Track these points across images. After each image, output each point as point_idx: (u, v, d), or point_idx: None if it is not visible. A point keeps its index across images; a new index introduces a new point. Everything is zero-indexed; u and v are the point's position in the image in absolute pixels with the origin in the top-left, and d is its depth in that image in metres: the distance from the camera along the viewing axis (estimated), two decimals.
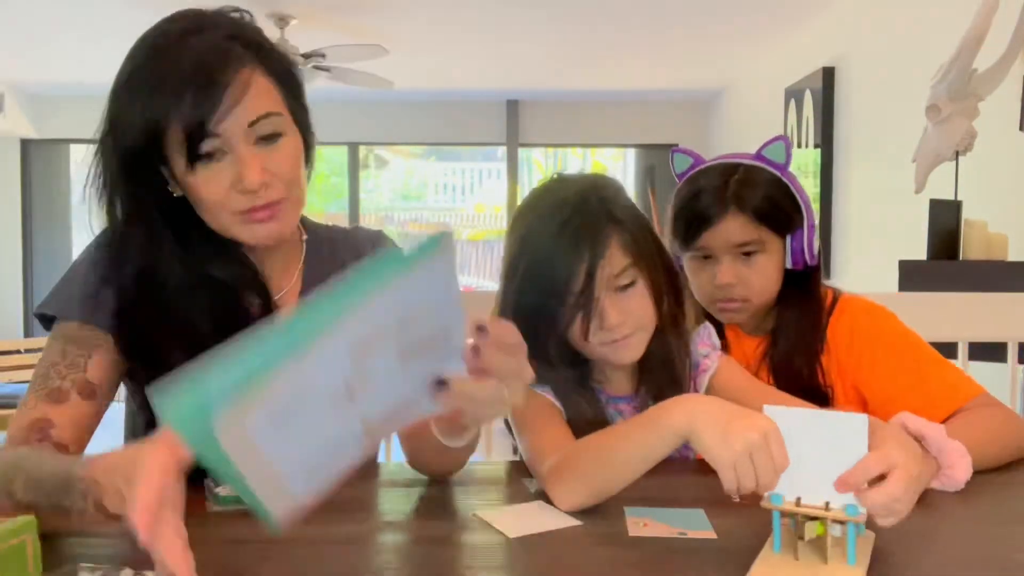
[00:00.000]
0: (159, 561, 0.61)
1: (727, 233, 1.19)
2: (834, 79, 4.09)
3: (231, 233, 0.96)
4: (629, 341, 1.04)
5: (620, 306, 1.02)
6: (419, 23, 4.45)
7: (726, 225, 1.19)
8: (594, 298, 1.00)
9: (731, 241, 1.19)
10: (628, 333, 1.03)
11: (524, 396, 0.77)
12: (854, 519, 0.72)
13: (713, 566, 0.75)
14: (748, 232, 1.19)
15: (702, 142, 6.63)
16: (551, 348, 1.04)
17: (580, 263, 0.99)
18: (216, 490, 0.92)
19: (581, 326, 1.02)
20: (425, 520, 0.89)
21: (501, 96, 6.57)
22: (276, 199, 0.94)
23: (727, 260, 1.20)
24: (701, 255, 1.23)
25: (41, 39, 4.80)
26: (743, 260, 1.20)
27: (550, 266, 1.01)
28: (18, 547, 0.59)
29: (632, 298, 1.03)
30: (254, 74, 0.91)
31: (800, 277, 1.25)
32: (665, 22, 4.45)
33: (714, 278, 1.21)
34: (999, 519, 0.89)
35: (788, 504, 0.74)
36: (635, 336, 1.04)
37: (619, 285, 1.02)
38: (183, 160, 0.90)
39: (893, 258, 2.46)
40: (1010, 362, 1.75)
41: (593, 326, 1.02)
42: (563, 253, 1.00)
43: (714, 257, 1.21)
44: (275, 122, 0.93)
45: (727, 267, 1.20)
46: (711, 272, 1.22)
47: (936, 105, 2.36)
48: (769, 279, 1.22)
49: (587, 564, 0.75)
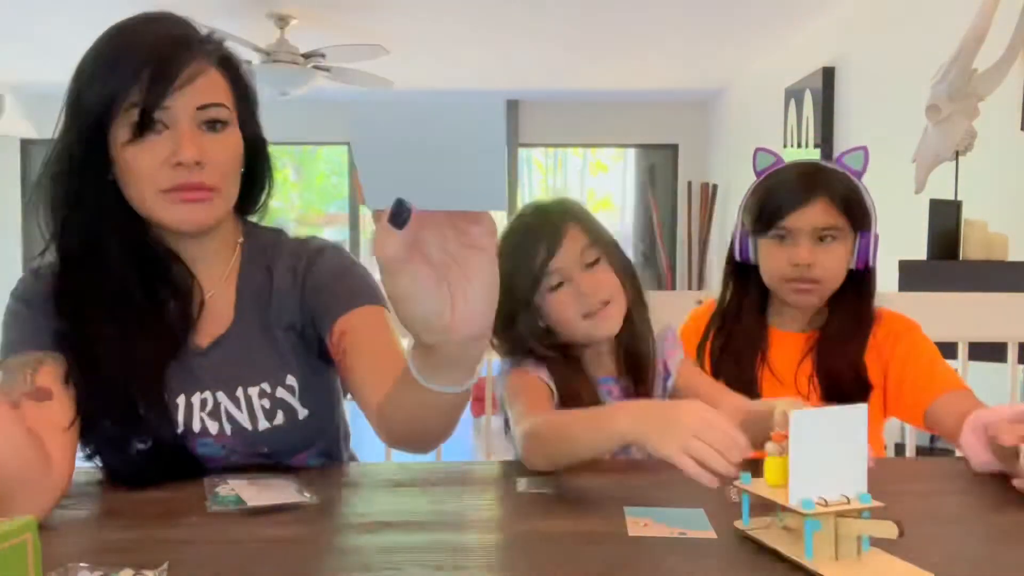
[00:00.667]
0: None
1: (813, 215, 1.27)
2: (834, 79, 4.09)
3: (156, 215, 0.98)
4: (609, 311, 1.14)
5: (591, 278, 1.14)
6: (419, 23, 4.45)
7: (813, 207, 1.26)
8: (565, 274, 1.13)
9: (815, 223, 1.27)
10: (605, 298, 1.14)
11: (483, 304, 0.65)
12: (869, 507, 0.74)
13: (713, 566, 0.75)
14: (831, 217, 1.27)
15: (702, 142, 6.63)
16: (541, 342, 1.16)
17: (540, 245, 1.13)
18: (216, 490, 0.92)
19: (560, 300, 1.13)
20: (424, 520, 0.89)
21: (501, 96, 6.57)
22: (209, 185, 0.97)
23: (806, 242, 1.27)
24: (780, 236, 1.29)
25: (41, 39, 4.80)
26: (819, 244, 1.28)
27: (521, 258, 1.13)
28: (18, 547, 0.59)
29: (600, 272, 1.15)
30: (209, 67, 0.98)
31: (855, 285, 1.32)
32: (665, 22, 4.45)
33: (791, 258, 1.28)
34: (998, 517, 0.89)
35: (820, 506, 0.73)
36: (613, 305, 1.15)
37: (585, 262, 1.14)
38: (128, 133, 0.93)
39: (893, 258, 2.46)
40: (1010, 362, 1.75)
41: (570, 295, 1.13)
42: (528, 243, 1.14)
43: (793, 239, 1.28)
44: (223, 113, 0.98)
45: (806, 248, 1.27)
46: (788, 253, 1.28)
47: (936, 105, 2.36)
48: (841, 266, 1.29)
49: (587, 564, 0.75)
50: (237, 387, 1.03)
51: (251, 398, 1.03)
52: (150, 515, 0.90)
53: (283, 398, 1.04)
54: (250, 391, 1.03)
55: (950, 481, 1.03)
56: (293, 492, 0.93)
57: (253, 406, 1.03)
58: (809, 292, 1.30)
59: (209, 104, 0.96)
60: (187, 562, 0.74)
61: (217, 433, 1.02)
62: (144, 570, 0.68)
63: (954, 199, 2.53)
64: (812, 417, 0.75)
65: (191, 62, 0.95)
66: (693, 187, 6.48)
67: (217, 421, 1.02)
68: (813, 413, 0.76)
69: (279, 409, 1.03)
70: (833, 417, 0.75)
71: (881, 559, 0.74)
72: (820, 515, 0.73)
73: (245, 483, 0.94)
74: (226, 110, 0.98)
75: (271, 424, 1.03)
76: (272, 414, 1.03)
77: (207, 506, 0.89)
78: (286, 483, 0.96)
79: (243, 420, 1.02)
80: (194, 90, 0.95)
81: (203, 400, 1.02)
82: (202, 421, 1.02)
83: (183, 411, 1.01)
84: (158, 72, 0.93)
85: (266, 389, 1.03)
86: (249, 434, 1.03)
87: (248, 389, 1.03)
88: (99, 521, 0.88)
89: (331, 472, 1.05)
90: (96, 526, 0.86)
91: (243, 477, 0.97)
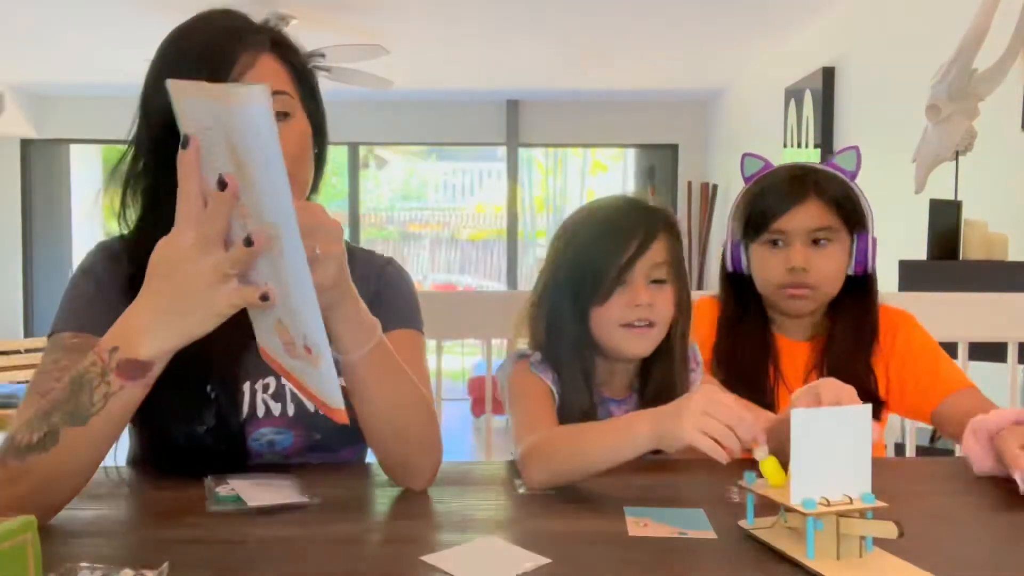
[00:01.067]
0: None
1: (805, 216, 1.24)
2: (834, 79, 4.09)
3: None
4: (650, 332, 1.10)
5: (652, 294, 1.09)
6: (419, 23, 4.45)
7: (806, 208, 1.24)
8: (632, 277, 1.08)
9: (808, 225, 1.24)
10: (654, 320, 1.10)
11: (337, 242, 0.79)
12: (872, 507, 0.74)
13: (713, 566, 0.75)
14: (824, 218, 1.24)
15: (702, 142, 6.63)
16: (571, 330, 1.11)
17: (633, 240, 1.08)
18: (216, 490, 0.92)
19: (617, 300, 1.09)
20: (423, 520, 0.89)
21: (501, 96, 6.57)
22: None
23: (800, 245, 1.25)
24: (773, 241, 1.27)
25: (41, 39, 4.80)
26: (814, 248, 1.25)
27: (606, 236, 1.09)
28: (18, 547, 0.59)
29: (662, 292, 1.11)
30: (263, 53, 0.97)
31: (857, 289, 1.30)
32: (665, 22, 4.45)
33: (785, 262, 1.25)
34: (998, 518, 0.89)
35: (822, 506, 0.73)
36: (656, 328, 1.10)
37: (654, 278, 1.10)
38: None
39: (893, 258, 2.46)
40: (1010, 362, 1.75)
41: (622, 300, 1.08)
42: (621, 228, 1.09)
43: (786, 243, 1.26)
44: (286, 101, 0.97)
45: (800, 251, 1.24)
46: (782, 257, 1.25)
47: (936, 105, 2.36)
48: (837, 270, 1.27)
49: (587, 564, 0.75)
50: None
51: None
52: (150, 515, 0.90)
53: (342, 386, 1.07)
54: None
55: (950, 481, 1.03)
56: (293, 492, 0.93)
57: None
58: (804, 298, 1.26)
59: (272, 92, 0.96)
60: (187, 562, 0.74)
61: (280, 415, 1.05)
62: (144, 570, 0.68)
63: (954, 199, 2.53)
64: (814, 416, 0.75)
65: (243, 52, 0.94)
66: (693, 187, 6.48)
67: (280, 403, 1.05)
68: (815, 412, 0.75)
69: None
70: (836, 417, 0.75)
71: (882, 559, 0.74)
72: (822, 515, 0.73)
73: (245, 483, 0.94)
74: (287, 97, 0.97)
75: None
76: None
77: (207, 506, 0.89)
78: (286, 483, 0.96)
79: (306, 402, 1.06)
80: (252, 79, 0.94)
81: (265, 384, 1.05)
82: (265, 404, 1.05)
83: (247, 397, 1.04)
84: (213, 68, 0.93)
85: None
86: (310, 417, 1.06)
87: None
88: (99, 521, 0.88)
89: (331, 472, 1.05)
90: (96, 526, 0.86)
91: (243, 477, 0.97)
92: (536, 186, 7.92)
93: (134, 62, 5.41)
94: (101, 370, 0.76)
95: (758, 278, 1.30)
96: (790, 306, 1.28)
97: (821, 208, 1.24)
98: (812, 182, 1.25)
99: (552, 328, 1.13)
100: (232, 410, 1.02)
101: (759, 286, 1.30)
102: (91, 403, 0.76)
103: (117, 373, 0.76)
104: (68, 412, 0.77)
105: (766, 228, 1.26)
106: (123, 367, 0.76)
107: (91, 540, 0.81)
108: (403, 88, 5.43)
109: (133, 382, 0.76)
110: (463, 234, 8.79)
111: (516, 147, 6.77)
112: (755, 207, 1.28)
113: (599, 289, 1.09)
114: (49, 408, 0.79)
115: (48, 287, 6.59)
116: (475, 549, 0.79)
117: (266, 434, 1.05)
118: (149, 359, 0.76)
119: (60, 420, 0.77)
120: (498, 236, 7.86)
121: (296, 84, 1.00)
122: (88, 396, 0.76)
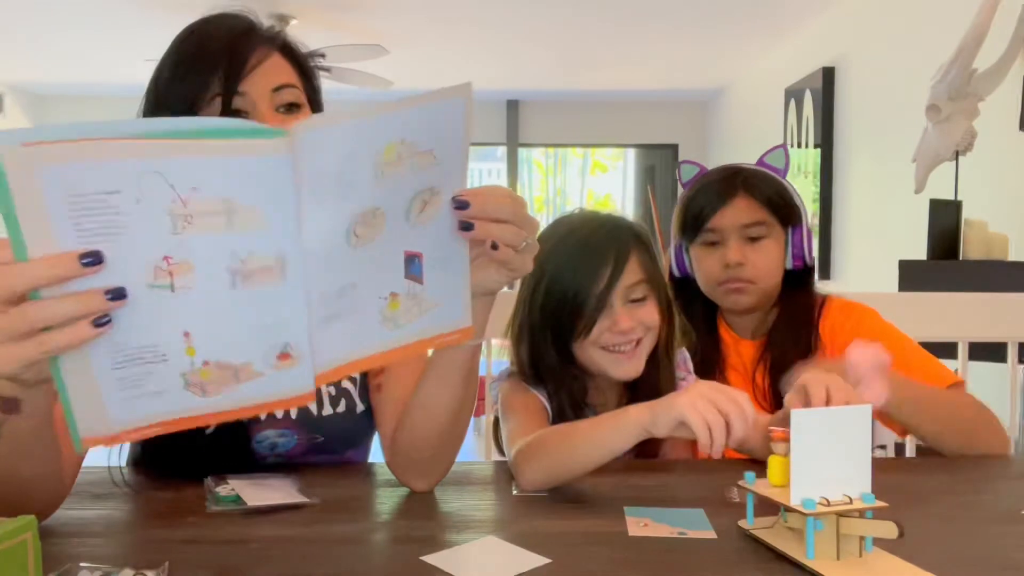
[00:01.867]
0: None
1: (737, 213, 1.28)
2: (834, 79, 4.10)
3: None
4: (637, 351, 1.11)
5: (632, 314, 1.09)
6: (419, 23, 4.46)
7: (736, 205, 1.28)
8: (610, 302, 1.08)
9: (740, 221, 1.28)
10: (640, 336, 1.10)
11: (531, 259, 0.79)
12: (872, 507, 0.74)
13: (713, 566, 0.75)
14: (756, 213, 1.28)
15: (702, 142, 6.64)
16: (555, 364, 1.12)
17: (605, 267, 1.08)
18: (216, 490, 0.92)
19: (599, 328, 1.08)
20: (422, 520, 0.89)
21: (501, 96, 6.58)
22: None
23: (735, 241, 1.28)
24: (709, 240, 1.30)
25: (41, 39, 4.80)
26: (750, 244, 1.28)
27: (578, 267, 1.09)
28: (18, 547, 0.59)
29: (643, 309, 1.11)
30: (274, 51, 1.00)
31: (795, 282, 1.32)
32: (665, 22, 4.45)
33: (722, 259, 1.28)
34: (998, 517, 0.89)
35: (822, 506, 0.73)
36: (642, 346, 1.11)
37: (632, 298, 1.10)
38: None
39: (893, 258, 2.46)
40: (1010, 362, 1.75)
41: (604, 327, 1.08)
42: (591, 256, 1.09)
43: (722, 241, 1.29)
44: (296, 94, 1.00)
45: (735, 246, 1.28)
46: (719, 255, 1.29)
47: (936, 105, 2.36)
48: (773, 263, 1.30)
49: (587, 564, 0.75)
50: None
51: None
52: (150, 515, 0.90)
53: (347, 389, 1.10)
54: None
55: (950, 481, 1.03)
56: (293, 492, 0.93)
57: (320, 391, 1.08)
58: (741, 291, 1.29)
59: (282, 85, 0.98)
60: (187, 562, 0.74)
61: (283, 417, 1.06)
62: (144, 570, 0.68)
63: (954, 199, 2.53)
64: (813, 416, 0.75)
65: (258, 48, 0.98)
66: None
67: None
68: (814, 412, 0.76)
69: (342, 398, 1.09)
70: (836, 416, 0.75)
71: (882, 559, 0.74)
72: (821, 515, 0.73)
73: (245, 483, 0.94)
74: (298, 91, 1.01)
75: (334, 411, 1.08)
76: (336, 401, 1.08)
77: (207, 506, 0.89)
78: (286, 483, 0.96)
79: (310, 404, 1.04)
80: (265, 73, 0.97)
81: None
82: None
83: None
84: (232, 61, 0.95)
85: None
86: (313, 419, 1.07)
87: None
88: (99, 521, 0.88)
89: (331, 472, 1.06)
90: (96, 526, 0.86)
91: (243, 477, 0.97)
92: (536, 186, 7.92)
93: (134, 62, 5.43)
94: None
95: (699, 278, 1.33)
96: (730, 301, 1.31)
97: (751, 204, 1.28)
98: (741, 180, 1.29)
99: (536, 363, 1.13)
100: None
101: (701, 286, 1.34)
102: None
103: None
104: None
105: (701, 228, 1.30)
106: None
107: (91, 540, 0.81)
108: (403, 88, 5.43)
109: (11, 415, 0.68)
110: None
111: (516, 147, 6.78)
112: (690, 209, 1.31)
113: (579, 322, 1.08)
114: None
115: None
116: (475, 549, 0.79)
117: (269, 437, 1.06)
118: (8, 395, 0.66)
119: None
120: None
121: (302, 82, 1.03)
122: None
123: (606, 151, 7.63)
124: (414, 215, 0.70)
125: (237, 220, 0.59)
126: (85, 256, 0.56)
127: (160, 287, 0.59)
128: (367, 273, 0.69)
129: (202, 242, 0.59)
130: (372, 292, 0.70)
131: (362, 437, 1.15)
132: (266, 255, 0.61)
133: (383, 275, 0.71)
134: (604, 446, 0.92)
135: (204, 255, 0.60)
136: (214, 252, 0.60)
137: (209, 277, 0.60)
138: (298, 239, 0.62)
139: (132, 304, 0.59)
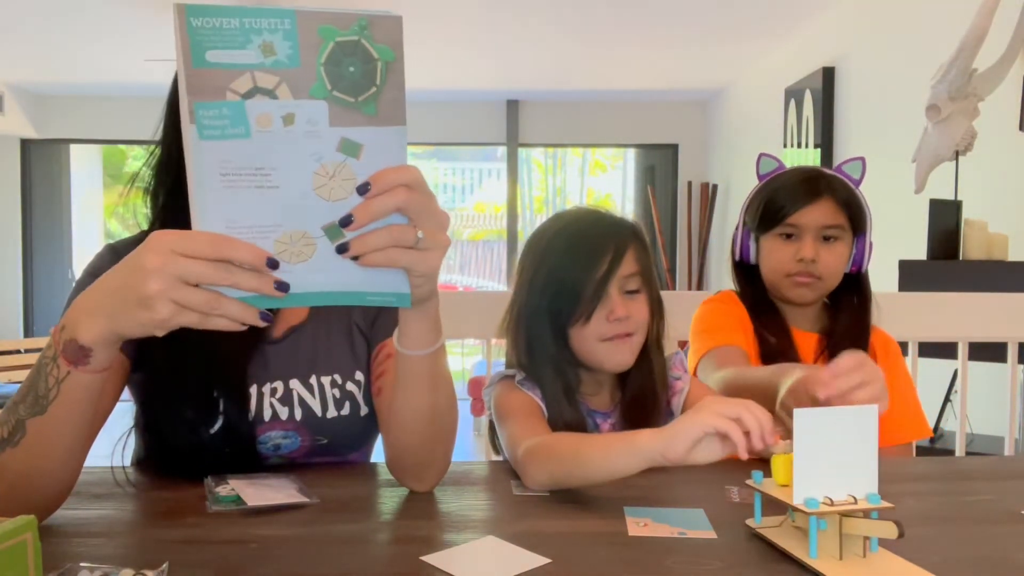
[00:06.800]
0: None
1: (819, 213, 1.35)
2: (834, 79, 4.09)
3: None
4: (630, 341, 1.12)
5: (627, 304, 1.12)
6: (419, 23, 4.45)
7: (820, 205, 1.35)
8: (608, 291, 1.11)
9: (821, 221, 1.35)
10: (632, 331, 1.12)
11: (436, 257, 0.74)
12: (876, 507, 0.74)
13: (713, 566, 0.75)
14: (835, 216, 1.36)
15: (702, 142, 6.63)
16: (552, 349, 1.13)
17: (605, 255, 1.11)
18: (216, 490, 0.92)
19: (595, 316, 1.11)
20: (422, 520, 0.89)
21: (501, 96, 6.57)
22: None
23: (810, 239, 1.35)
24: (786, 233, 1.37)
25: (41, 39, 4.80)
26: (824, 243, 1.36)
27: (579, 254, 1.11)
28: (18, 547, 0.59)
29: (636, 301, 1.13)
30: None
31: (848, 286, 1.41)
32: (665, 22, 4.45)
33: (796, 254, 1.36)
34: (998, 517, 0.89)
35: (825, 506, 0.73)
36: (635, 338, 1.13)
37: (627, 289, 1.13)
38: None
39: (893, 258, 2.46)
40: (1010, 362, 1.75)
41: (601, 315, 1.11)
42: (592, 244, 1.12)
43: (798, 237, 1.36)
44: None
45: (811, 244, 1.35)
46: (793, 249, 1.36)
47: (936, 105, 2.36)
48: (841, 264, 1.38)
49: (587, 564, 0.75)
50: (311, 374, 1.07)
51: (324, 386, 1.08)
52: (150, 515, 0.90)
53: (351, 391, 1.09)
54: (323, 379, 1.08)
55: (950, 481, 1.03)
56: (293, 492, 0.93)
57: (325, 394, 1.08)
58: (808, 286, 1.36)
59: None
60: (187, 562, 0.74)
61: (287, 419, 1.06)
62: (144, 570, 0.68)
63: (954, 199, 2.53)
64: (816, 416, 0.75)
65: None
66: (693, 187, 6.48)
67: (288, 406, 1.06)
68: (818, 412, 0.76)
69: (347, 400, 1.09)
70: (840, 416, 0.75)
71: (885, 559, 0.74)
72: (824, 514, 0.73)
73: (245, 483, 0.94)
74: None
75: (338, 413, 1.08)
76: (341, 404, 1.08)
77: (207, 506, 0.89)
78: (286, 483, 0.96)
79: (314, 406, 1.07)
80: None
81: (273, 388, 1.06)
82: (272, 408, 1.05)
83: (255, 401, 1.05)
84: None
85: (337, 380, 1.08)
86: (317, 421, 1.07)
87: (322, 377, 1.08)
88: (99, 521, 0.88)
89: (331, 472, 1.06)
90: (96, 526, 0.86)
91: (243, 477, 0.97)
92: (536, 186, 7.92)
93: (134, 62, 5.42)
94: (53, 353, 0.74)
95: (767, 266, 1.40)
96: (795, 293, 1.38)
97: (833, 207, 1.35)
98: (826, 183, 1.36)
99: (532, 349, 1.14)
100: (241, 414, 1.02)
101: (766, 274, 1.41)
102: (47, 389, 0.74)
103: (63, 355, 0.73)
104: (30, 402, 0.76)
105: (780, 222, 1.37)
106: (67, 349, 0.72)
107: (91, 540, 0.81)
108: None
109: (75, 368, 0.73)
110: (463, 234, 8.80)
111: (516, 147, 6.77)
112: (774, 202, 1.38)
113: (577, 309, 1.11)
114: (17, 399, 0.77)
115: (48, 287, 6.59)
116: (475, 549, 0.79)
117: (273, 437, 1.06)
118: (87, 344, 0.71)
119: (25, 411, 0.76)
120: (498, 236, 7.86)
121: None
122: (44, 382, 0.74)
123: (606, 151, 7.62)
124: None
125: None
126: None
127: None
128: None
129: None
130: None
131: (366, 439, 1.15)
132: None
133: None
134: (613, 469, 0.91)
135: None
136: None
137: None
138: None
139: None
